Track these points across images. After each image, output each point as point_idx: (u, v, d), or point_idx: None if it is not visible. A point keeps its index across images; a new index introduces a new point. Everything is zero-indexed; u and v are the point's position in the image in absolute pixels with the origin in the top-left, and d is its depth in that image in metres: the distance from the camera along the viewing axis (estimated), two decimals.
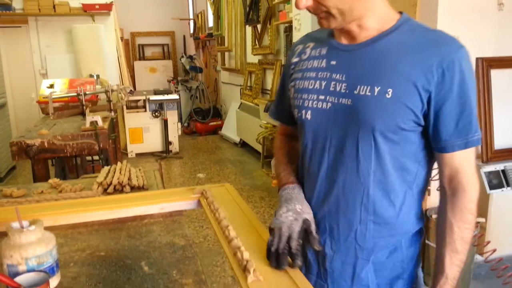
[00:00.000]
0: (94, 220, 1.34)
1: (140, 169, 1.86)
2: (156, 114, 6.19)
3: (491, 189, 2.61)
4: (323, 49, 1.03)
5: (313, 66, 1.03)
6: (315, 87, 1.01)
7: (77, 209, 1.36)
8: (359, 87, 0.94)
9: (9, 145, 2.62)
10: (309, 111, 1.02)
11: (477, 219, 2.53)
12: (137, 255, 1.12)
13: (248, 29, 6.07)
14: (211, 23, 8.00)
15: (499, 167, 2.68)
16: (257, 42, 5.71)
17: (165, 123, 6.15)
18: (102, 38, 5.67)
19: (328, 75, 0.99)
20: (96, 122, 2.77)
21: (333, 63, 1.00)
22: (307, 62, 1.06)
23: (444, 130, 0.92)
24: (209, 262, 3.06)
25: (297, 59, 1.10)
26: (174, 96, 6.17)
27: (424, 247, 2.43)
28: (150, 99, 6.06)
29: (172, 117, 6.25)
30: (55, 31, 5.78)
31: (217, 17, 7.31)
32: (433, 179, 1.11)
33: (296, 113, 1.06)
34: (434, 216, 2.56)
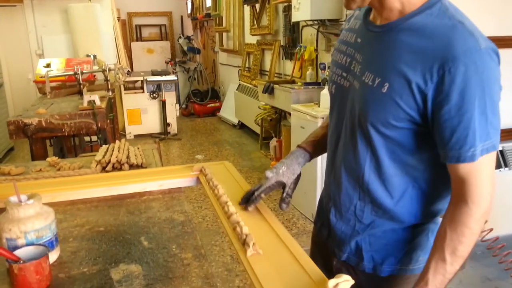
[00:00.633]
0: (92, 196, 1.34)
1: (138, 148, 1.85)
2: (154, 95, 6.15)
3: None
4: (358, 22, 1.01)
5: (346, 39, 1.04)
6: (342, 62, 1.03)
7: (76, 186, 1.36)
8: (366, 73, 0.93)
9: (6, 125, 2.61)
10: (334, 86, 1.06)
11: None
12: (136, 230, 1.12)
13: (246, 8, 5.99)
14: (208, 2, 7.88)
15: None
16: (255, 22, 5.64)
17: (163, 104, 6.12)
18: (98, 18, 5.59)
19: (353, 52, 0.99)
20: (94, 101, 2.76)
21: (359, 40, 0.99)
22: (345, 32, 1.06)
23: (438, 139, 0.86)
24: (208, 242, 3.08)
25: (346, 25, 1.09)
26: (172, 77, 6.13)
27: None
28: (148, 80, 6.01)
29: (170, 98, 6.22)
30: (51, 10, 5.69)
31: None
32: None
33: (329, 81, 1.11)
34: None
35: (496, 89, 0.83)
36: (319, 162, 3.09)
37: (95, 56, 4.32)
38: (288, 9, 4.53)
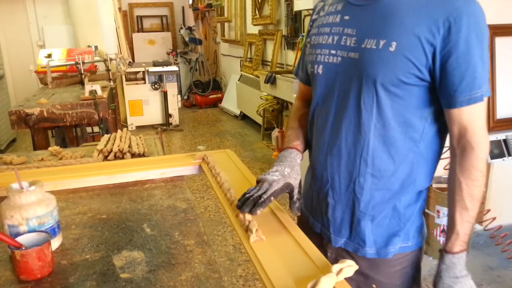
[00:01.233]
0: (94, 185, 1.34)
1: (140, 137, 1.85)
2: (156, 86, 6.13)
3: (492, 158, 2.61)
4: (339, 4, 1.05)
5: (328, 21, 1.06)
6: (328, 42, 1.04)
7: (78, 174, 1.36)
8: (366, 40, 0.95)
9: (8, 116, 2.60)
10: (321, 66, 1.06)
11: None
12: (138, 218, 1.12)
13: None
14: None
15: (501, 136, 2.67)
16: (257, 12, 5.60)
17: (164, 95, 6.11)
18: (99, 9, 5.56)
19: (341, 30, 1.02)
20: (95, 91, 2.75)
21: (346, 18, 1.02)
22: (323, 18, 1.09)
23: (449, 86, 0.91)
24: (211, 232, 3.09)
25: (316, 16, 1.13)
26: (174, 68, 6.10)
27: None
28: (149, 70, 5.99)
29: (171, 89, 6.20)
30: (52, 1, 5.68)
31: None
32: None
33: (309, 69, 1.11)
34: (434, 186, 2.56)
35: (486, 39, 0.92)
36: None
37: (96, 47, 4.31)
38: None
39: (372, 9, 0.96)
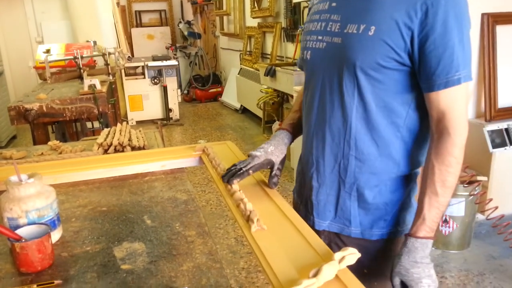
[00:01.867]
0: (94, 178, 1.33)
1: (140, 131, 1.84)
2: (155, 81, 6.12)
3: (494, 147, 2.59)
4: None
5: (319, 9, 1.09)
6: (316, 29, 1.07)
7: (78, 167, 1.35)
8: (348, 25, 0.97)
9: (7, 113, 2.59)
10: (309, 51, 1.08)
11: (479, 177, 2.54)
12: (139, 210, 1.12)
13: None
14: None
15: (502, 125, 2.65)
16: (256, 5, 5.57)
17: (164, 90, 6.09)
18: (98, 4, 5.53)
19: (328, 16, 1.04)
20: (94, 85, 2.73)
21: (333, 4, 1.04)
22: (316, 5, 1.12)
23: (426, 69, 0.92)
24: (212, 225, 3.09)
25: (311, 4, 1.17)
26: (173, 62, 6.08)
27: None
28: (149, 65, 5.97)
29: (171, 84, 6.19)
30: None
31: None
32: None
33: (301, 55, 1.13)
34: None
35: (467, 23, 0.92)
36: None
37: (95, 42, 4.28)
38: None
39: None
